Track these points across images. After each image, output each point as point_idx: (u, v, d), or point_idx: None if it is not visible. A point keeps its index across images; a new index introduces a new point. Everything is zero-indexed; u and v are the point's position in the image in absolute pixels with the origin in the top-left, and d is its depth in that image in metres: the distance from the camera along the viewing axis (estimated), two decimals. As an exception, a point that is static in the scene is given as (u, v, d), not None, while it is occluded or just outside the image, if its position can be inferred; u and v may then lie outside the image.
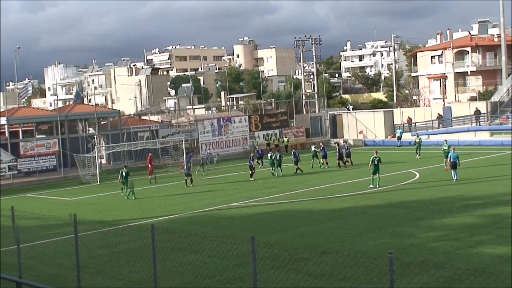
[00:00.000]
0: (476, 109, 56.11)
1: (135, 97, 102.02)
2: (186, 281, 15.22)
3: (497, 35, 71.66)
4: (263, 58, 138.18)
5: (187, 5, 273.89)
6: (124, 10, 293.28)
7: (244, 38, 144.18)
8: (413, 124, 59.79)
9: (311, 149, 43.80)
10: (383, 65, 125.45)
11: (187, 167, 37.43)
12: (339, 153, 41.30)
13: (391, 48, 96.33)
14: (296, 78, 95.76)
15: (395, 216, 23.17)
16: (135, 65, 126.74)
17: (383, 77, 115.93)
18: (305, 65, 75.10)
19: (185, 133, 53.61)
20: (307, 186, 32.94)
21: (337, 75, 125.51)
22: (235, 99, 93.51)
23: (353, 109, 74.47)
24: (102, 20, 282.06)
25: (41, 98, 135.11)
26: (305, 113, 67.40)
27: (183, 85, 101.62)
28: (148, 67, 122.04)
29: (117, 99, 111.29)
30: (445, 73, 76.04)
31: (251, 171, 38.01)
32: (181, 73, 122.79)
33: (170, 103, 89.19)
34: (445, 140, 39.34)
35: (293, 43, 71.84)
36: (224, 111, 72.48)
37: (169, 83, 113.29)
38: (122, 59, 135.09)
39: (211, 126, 54.79)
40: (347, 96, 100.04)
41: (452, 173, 31.54)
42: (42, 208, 30.37)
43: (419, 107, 72.58)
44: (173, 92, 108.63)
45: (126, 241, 19.73)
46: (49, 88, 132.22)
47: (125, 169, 34.44)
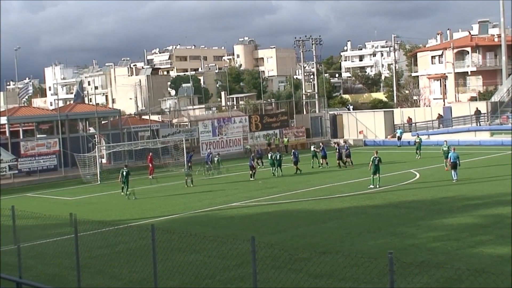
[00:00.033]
0: (476, 109, 56.09)
1: (135, 98, 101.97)
2: (186, 281, 15.22)
3: (497, 35, 71.59)
4: (263, 58, 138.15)
5: (187, 5, 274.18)
6: (124, 10, 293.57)
7: (244, 38, 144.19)
8: (413, 124, 59.76)
9: (311, 149, 43.83)
10: (383, 65, 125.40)
11: (187, 167, 37.42)
12: (338, 153, 41.35)
13: (391, 48, 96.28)
14: (296, 78, 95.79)
15: (396, 216, 23.17)
16: (135, 65, 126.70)
17: (383, 77, 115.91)
18: (305, 65, 75.09)
19: (186, 132, 53.65)
20: (308, 186, 32.94)
21: (337, 75, 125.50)
22: (235, 99, 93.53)
23: (353, 109, 74.52)
24: (102, 20, 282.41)
25: (41, 97, 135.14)
26: (305, 113, 67.43)
27: (184, 85, 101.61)
28: (148, 67, 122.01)
29: (116, 99, 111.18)
30: (445, 73, 76.00)
31: (251, 171, 38.03)
32: (182, 73, 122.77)
33: (168, 104, 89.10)
34: (445, 141, 39.31)
35: (293, 43, 71.93)
36: (224, 111, 72.50)
37: (169, 83, 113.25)
38: (122, 59, 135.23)
39: (211, 126, 54.80)
40: (347, 96, 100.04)
41: (452, 173, 31.54)
42: (42, 207, 30.37)
43: (419, 107, 72.54)
44: (172, 92, 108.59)
45: (126, 241, 19.73)
46: (50, 87, 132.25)
47: (126, 169, 34.48)
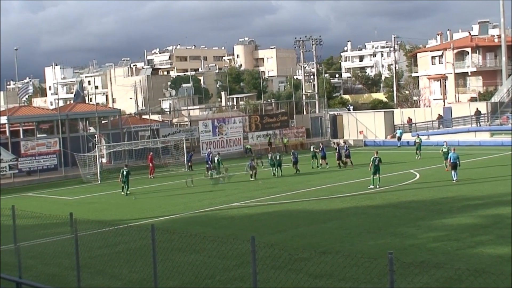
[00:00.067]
0: (476, 109, 56.09)
1: (135, 97, 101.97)
2: (186, 281, 15.21)
3: (497, 35, 71.60)
4: (263, 58, 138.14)
5: (188, 5, 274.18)
6: (124, 10, 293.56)
7: (244, 38, 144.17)
8: (413, 124, 59.77)
9: (311, 149, 43.83)
10: (383, 66, 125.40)
11: (187, 166, 37.40)
12: (338, 153, 41.38)
13: (392, 48, 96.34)
14: (296, 78, 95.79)
15: (396, 216, 23.17)
16: (136, 65, 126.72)
17: (383, 78, 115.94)
18: (305, 66, 75.07)
19: (186, 132, 53.66)
20: (308, 186, 32.93)
21: (337, 76, 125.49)
22: (235, 99, 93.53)
23: (354, 110, 74.55)
24: (102, 20, 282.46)
25: (42, 97, 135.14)
26: (305, 113, 67.45)
27: (184, 85, 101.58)
28: (148, 67, 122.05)
29: (117, 99, 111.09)
30: (445, 74, 76.02)
31: (252, 171, 38.04)
32: (182, 73, 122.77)
33: (166, 104, 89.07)
34: (445, 142, 39.29)
35: (294, 44, 71.98)
36: (224, 111, 72.51)
37: (169, 83, 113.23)
38: (122, 59, 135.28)
39: (211, 125, 54.78)
40: (347, 96, 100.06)
41: (452, 173, 31.52)
42: (42, 207, 30.37)
43: (420, 107, 72.57)
44: (172, 92, 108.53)
45: (126, 241, 19.71)
46: (50, 87, 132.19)
47: (126, 168, 34.49)
